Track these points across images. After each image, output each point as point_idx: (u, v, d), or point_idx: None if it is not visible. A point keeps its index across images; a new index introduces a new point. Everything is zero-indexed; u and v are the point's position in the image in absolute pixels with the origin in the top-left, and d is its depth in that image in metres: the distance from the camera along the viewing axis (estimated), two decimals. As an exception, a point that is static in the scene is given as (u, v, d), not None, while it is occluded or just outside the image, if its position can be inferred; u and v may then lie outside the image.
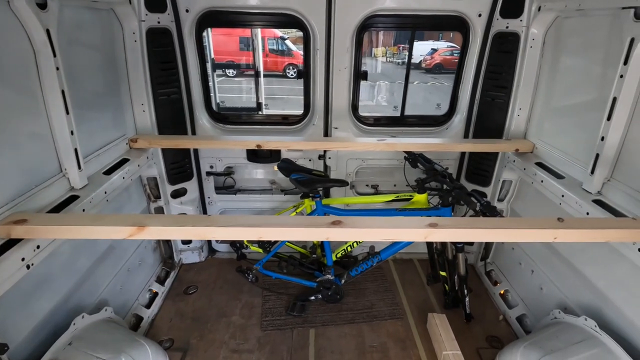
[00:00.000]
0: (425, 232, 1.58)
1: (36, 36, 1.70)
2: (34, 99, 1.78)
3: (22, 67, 1.70)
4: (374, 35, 25.05)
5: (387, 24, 2.99)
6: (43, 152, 1.88)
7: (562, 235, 1.62)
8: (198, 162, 3.26)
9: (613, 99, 1.90)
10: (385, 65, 23.03)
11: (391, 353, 2.62)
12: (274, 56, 16.93)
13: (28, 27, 1.67)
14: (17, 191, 1.72)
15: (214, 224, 1.61)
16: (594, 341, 1.94)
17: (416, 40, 22.71)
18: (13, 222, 1.57)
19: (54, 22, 1.76)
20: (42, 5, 1.70)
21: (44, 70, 1.77)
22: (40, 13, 1.69)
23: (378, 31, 22.15)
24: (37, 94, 1.79)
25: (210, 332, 2.76)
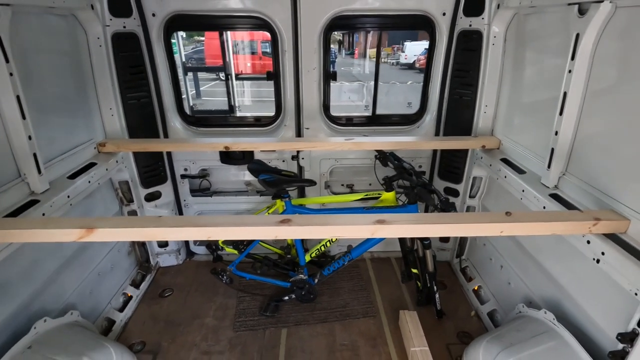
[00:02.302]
0: (373, 229, 1.60)
1: (-14, 42, 1.72)
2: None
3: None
4: (367, 36, 25.16)
5: (354, 25, 3.02)
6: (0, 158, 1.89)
7: (508, 229, 1.64)
8: (172, 165, 3.27)
9: (564, 94, 1.93)
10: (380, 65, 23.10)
11: (361, 351, 2.63)
12: (268, 59, 16.98)
13: (-24, 33, 1.68)
14: (-30, 196, 1.73)
15: (164, 224, 1.62)
16: (551, 334, 1.96)
17: (410, 40, 22.74)
18: (-39, 227, 1.58)
19: (5, 28, 1.77)
20: (-8, 11, 1.72)
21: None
22: (-10, 19, 1.70)
23: (346, 32, 22.08)
24: (-9, 102, 1.81)
25: (182, 334, 2.76)
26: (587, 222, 1.63)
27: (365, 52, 25.35)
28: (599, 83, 1.79)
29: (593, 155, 1.87)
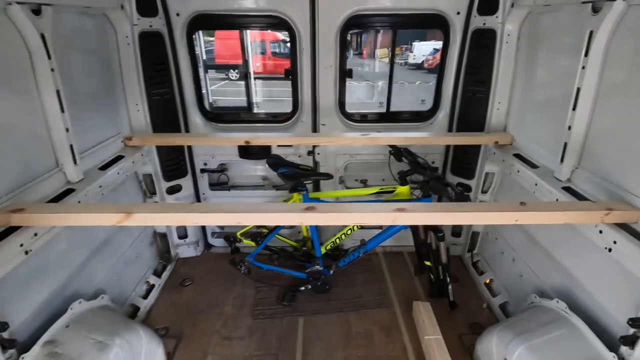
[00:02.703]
0: (393, 217, 1.69)
1: (31, 40, 1.84)
2: (31, 98, 1.92)
3: (19, 69, 1.85)
4: (376, 36, 25.15)
5: (369, 24, 3.11)
6: (40, 147, 2.02)
7: (523, 217, 1.71)
8: (192, 160, 3.39)
9: (577, 90, 1.99)
10: (388, 66, 23.07)
11: (376, 339, 2.71)
12: (277, 59, 17.09)
13: (24, 32, 1.81)
14: (15, 184, 1.85)
15: (196, 210, 1.73)
16: (563, 321, 2.03)
17: (418, 40, 22.65)
18: (11, 211, 1.71)
19: (48, 27, 1.90)
20: (36, 11, 1.85)
21: (40, 72, 1.91)
22: (35, 19, 1.83)
23: (362, 31, 22.07)
24: (34, 94, 1.94)
25: (203, 321, 2.88)
26: (599, 212, 1.70)
27: (374, 52, 25.35)
28: (612, 79, 1.86)
29: (605, 149, 1.93)
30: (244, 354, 2.61)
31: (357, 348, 2.65)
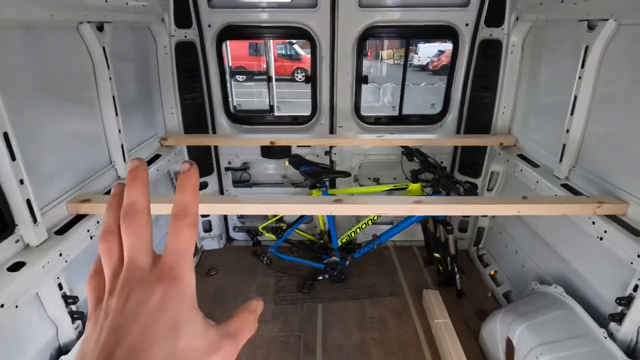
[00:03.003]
0: (411, 207, 1.94)
1: (95, 53, 2.12)
2: (94, 104, 2.20)
3: (86, 78, 2.12)
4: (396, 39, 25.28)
5: (384, 34, 3.37)
6: (98, 147, 2.30)
7: (524, 209, 1.96)
8: (218, 159, 3.66)
9: (574, 98, 2.23)
10: (393, 67, 23.24)
11: (389, 324, 2.97)
12: (283, 60, 17.34)
13: (90, 46, 2.08)
14: (80, 178, 2.13)
15: (238, 201, 2.00)
16: (560, 304, 2.27)
17: (423, 42, 22.72)
18: (80, 201, 1.98)
19: (108, 41, 2.17)
20: (100, 28, 2.12)
21: (100, 80, 2.18)
22: (99, 34, 2.10)
23: (377, 40, 22.35)
24: (95, 101, 2.21)
25: (230, 306, 3.14)
26: (591, 205, 1.94)
27: (379, 54, 25.55)
28: (605, 88, 2.10)
29: (599, 150, 2.17)
30: (269, 334, 2.87)
31: (372, 331, 2.90)
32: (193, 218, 0.38)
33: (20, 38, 1.69)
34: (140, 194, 0.38)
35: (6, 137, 1.50)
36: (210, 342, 0.36)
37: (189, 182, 0.39)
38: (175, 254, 0.37)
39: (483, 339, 2.70)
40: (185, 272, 0.37)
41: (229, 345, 0.37)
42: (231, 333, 0.38)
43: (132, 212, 0.38)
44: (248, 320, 0.40)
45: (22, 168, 1.59)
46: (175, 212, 0.38)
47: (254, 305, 0.42)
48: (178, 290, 0.36)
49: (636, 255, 1.75)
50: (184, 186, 0.39)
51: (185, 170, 0.39)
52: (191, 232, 0.38)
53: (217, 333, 0.37)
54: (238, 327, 0.39)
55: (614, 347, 1.90)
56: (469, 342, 2.77)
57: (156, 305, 0.34)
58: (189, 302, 0.37)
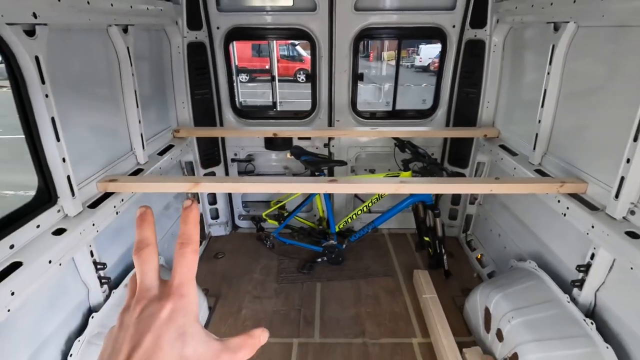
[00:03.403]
0: (397, 186, 2.22)
1: (121, 51, 2.41)
2: (117, 98, 2.50)
3: (113, 74, 2.42)
4: (382, 40, 25.55)
5: (378, 35, 3.65)
6: (121, 135, 2.59)
7: (496, 188, 2.24)
8: (224, 151, 3.95)
9: (544, 91, 2.50)
10: (394, 68, 23.45)
11: (382, 300, 3.24)
12: (285, 62, 17.60)
13: (117, 46, 2.38)
14: (106, 162, 2.42)
15: (245, 181, 2.28)
16: (533, 276, 2.54)
17: (425, 43, 22.89)
18: (108, 181, 2.27)
19: (131, 42, 2.47)
20: (125, 30, 2.42)
21: (124, 77, 2.48)
22: (124, 35, 2.40)
23: (372, 40, 22.61)
24: (119, 94, 2.51)
25: (236, 285, 3.43)
26: (555, 184, 2.21)
27: (381, 55, 25.82)
28: (569, 83, 2.37)
29: (566, 138, 2.44)
30: (272, 309, 3.15)
31: (366, 306, 3.18)
32: (195, 245, 0.45)
33: (64, 39, 1.99)
34: (149, 232, 0.46)
35: (53, 122, 1.79)
36: (212, 352, 0.42)
37: (190, 215, 0.45)
38: (182, 275, 0.43)
39: (467, 312, 2.97)
40: (190, 290, 0.43)
41: (227, 356, 0.43)
42: (230, 348, 0.44)
43: (143, 245, 0.45)
44: (248, 343, 0.45)
45: (64, 148, 1.88)
46: (181, 241, 0.45)
47: (257, 332, 0.47)
48: (184, 306, 0.42)
49: (590, 227, 2.02)
50: (186, 219, 0.45)
51: (187, 206, 0.45)
52: (194, 257, 0.45)
53: (219, 345, 0.43)
54: (238, 345, 0.45)
55: (575, 309, 2.17)
56: (455, 315, 3.04)
57: (166, 317, 0.40)
58: (193, 315, 0.42)
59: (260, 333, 0.47)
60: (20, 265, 1.61)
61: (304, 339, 2.85)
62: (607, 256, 1.99)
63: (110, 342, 0.42)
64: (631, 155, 1.80)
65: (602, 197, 2.07)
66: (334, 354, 2.73)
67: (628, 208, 1.89)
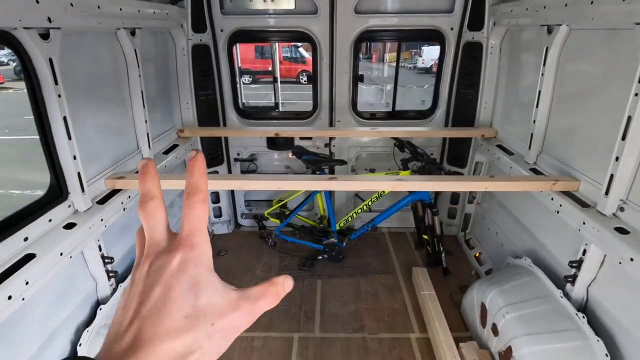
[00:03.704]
0: (394, 184, 2.29)
1: (128, 54, 2.50)
2: (125, 98, 2.59)
3: (120, 76, 2.51)
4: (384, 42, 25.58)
5: (379, 37, 3.73)
6: (128, 135, 2.68)
7: (491, 186, 2.30)
8: (228, 150, 4.04)
9: (539, 92, 2.57)
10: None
11: (381, 296, 3.31)
12: (288, 63, 17.71)
13: (125, 48, 2.47)
14: (113, 160, 2.51)
15: (246, 179, 2.36)
16: (528, 272, 2.59)
17: (427, 44, 22.95)
18: (116, 178, 2.36)
19: (139, 44, 2.56)
20: (132, 32, 2.51)
21: (132, 78, 2.57)
22: (132, 38, 2.49)
23: (373, 42, 22.73)
24: (127, 95, 2.60)
25: (239, 281, 3.50)
26: (549, 182, 2.28)
27: (383, 57, 25.89)
28: (562, 83, 2.44)
29: (560, 137, 2.50)
30: (273, 304, 3.22)
31: (366, 302, 3.25)
32: (204, 194, 0.42)
33: (75, 42, 2.08)
34: (153, 184, 0.43)
35: (65, 121, 1.88)
36: (230, 302, 0.39)
37: (196, 165, 0.43)
38: (191, 225, 0.41)
39: (464, 308, 3.03)
40: (201, 240, 0.41)
41: (247, 306, 0.40)
42: (250, 297, 0.41)
43: (148, 199, 0.43)
44: (269, 291, 0.43)
45: (75, 146, 1.97)
46: (188, 191, 0.42)
47: (280, 279, 0.44)
48: (196, 255, 0.40)
49: (582, 223, 2.08)
50: (192, 169, 0.43)
51: (192, 157, 0.43)
52: (203, 206, 0.42)
53: (237, 294, 0.41)
54: (258, 294, 0.42)
55: (567, 304, 2.23)
56: (452, 312, 3.10)
57: (176, 268, 0.38)
58: (206, 265, 0.40)
59: (283, 280, 0.44)
60: (33, 256, 1.70)
61: (305, 333, 2.92)
62: (598, 252, 2.05)
63: (123, 300, 0.40)
64: (620, 154, 1.86)
65: (594, 195, 2.13)
66: (333, 348, 2.80)
67: (617, 205, 1.95)
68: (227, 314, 0.39)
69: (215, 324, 0.38)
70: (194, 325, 0.37)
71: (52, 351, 1.93)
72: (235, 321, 0.40)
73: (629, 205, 1.91)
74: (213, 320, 0.38)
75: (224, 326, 0.39)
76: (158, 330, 0.35)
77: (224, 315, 0.39)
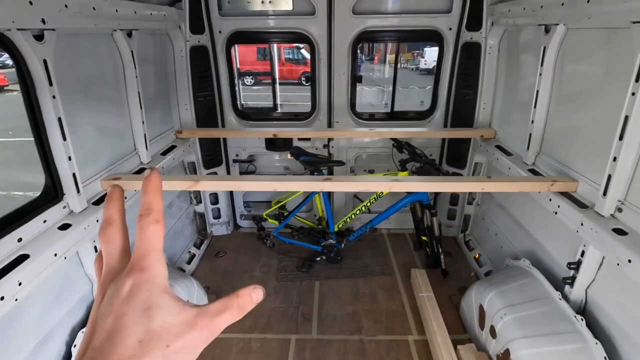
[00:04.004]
0: (390, 185, 2.27)
1: (125, 55, 2.51)
2: (122, 100, 2.59)
3: (117, 77, 2.52)
4: (387, 43, 25.60)
5: (377, 38, 3.72)
6: (125, 136, 2.68)
7: (488, 186, 2.28)
8: (226, 151, 4.04)
9: (537, 92, 2.55)
10: (399, 71, 23.48)
11: (379, 298, 3.29)
12: (290, 65, 17.74)
13: (121, 50, 2.48)
14: (110, 161, 2.51)
15: (242, 180, 2.36)
16: (526, 274, 2.57)
17: (430, 46, 22.90)
18: (112, 179, 2.36)
19: (135, 46, 2.56)
20: (129, 34, 2.52)
21: (128, 79, 2.57)
22: (129, 40, 2.49)
23: (371, 43, 22.78)
24: (124, 96, 2.60)
25: (237, 282, 3.50)
26: (546, 183, 2.25)
27: (385, 58, 25.89)
28: (560, 83, 2.42)
29: (558, 137, 2.48)
30: (271, 306, 3.22)
31: (364, 303, 3.23)
32: (157, 215, 0.42)
33: (71, 43, 2.09)
34: (114, 210, 0.44)
35: (60, 122, 1.89)
36: (186, 320, 0.38)
37: (150, 184, 0.43)
38: (142, 248, 0.41)
39: (462, 310, 3.01)
40: (153, 261, 0.40)
41: (205, 322, 0.39)
42: (209, 312, 0.40)
43: (107, 225, 0.43)
44: (232, 304, 0.41)
45: (70, 147, 1.97)
46: (141, 212, 0.42)
47: (247, 290, 0.42)
48: (147, 278, 0.39)
49: (580, 224, 2.06)
50: (146, 188, 0.43)
51: (147, 175, 0.43)
52: (156, 227, 0.42)
53: (195, 311, 0.39)
54: (219, 309, 0.40)
55: (566, 306, 2.20)
56: (451, 313, 3.08)
57: (126, 294, 0.38)
58: (159, 286, 0.39)
59: (251, 291, 0.42)
60: (27, 257, 1.70)
61: (302, 335, 2.91)
62: (596, 253, 2.02)
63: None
64: (617, 154, 1.84)
65: (592, 195, 2.11)
66: (330, 350, 2.78)
67: (615, 205, 1.93)
68: (183, 334, 0.38)
69: (171, 345, 0.37)
70: (148, 350, 0.35)
71: (47, 352, 1.93)
72: (193, 340, 0.38)
73: (627, 206, 1.88)
74: (168, 341, 0.37)
75: (181, 346, 0.37)
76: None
77: (180, 335, 0.37)
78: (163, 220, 0.43)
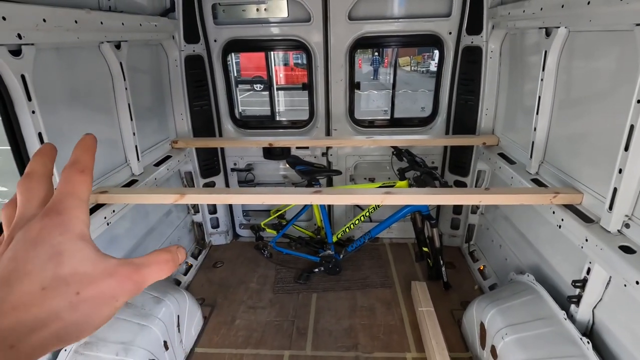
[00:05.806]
0: (382, 197, 2.17)
1: (114, 67, 2.49)
2: (111, 111, 2.57)
3: (106, 89, 2.50)
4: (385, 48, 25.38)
5: (375, 43, 3.64)
6: (116, 148, 2.66)
7: (486, 199, 2.16)
8: (224, 160, 4.00)
9: (539, 98, 2.42)
10: (409, 74, 23.35)
11: (377, 312, 3.17)
12: (299, 70, 17.77)
13: (109, 62, 2.45)
14: (99, 173, 2.49)
15: (229, 192, 2.29)
16: (530, 290, 2.43)
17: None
18: (99, 192, 2.33)
19: (124, 57, 2.54)
20: (117, 46, 2.49)
21: (118, 91, 2.55)
22: (117, 51, 2.47)
23: (368, 49, 22.60)
24: (113, 108, 2.58)
25: (232, 294, 3.43)
26: (549, 195, 2.12)
27: (395, 62, 25.68)
28: (563, 89, 2.28)
29: (562, 146, 2.34)
30: (266, 319, 3.14)
31: (361, 318, 3.12)
32: (82, 165, 0.40)
33: (54, 57, 2.07)
34: (40, 164, 0.42)
35: (40, 137, 1.86)
36: (104, 269, 0.36)
37: (82, 142, 0.42)
38: (60, 194, 0.38)
39: (464, 326, 2.87)
40: (70, 205, 0.37)
41: (127, 271, 0.36)
42: (134, 263, 0.38)
43: (27, 176, 0.41)
44: (160, 258, 0.40)
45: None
46: (67, 164, 0.40)
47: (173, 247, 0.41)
48: (63, 221, 0.36)
49: (584, 240, 1.92)
50: (77, 145, 0.42)
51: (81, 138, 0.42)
52: (81, 176, 0.39)
53: (115, 261, 0.37)
54: (144, 261, 0.39)
55: (572, 327, 2.05)
56: (453, 330, 2.94)
57: (32, 239, 0.34)
58: (75, 232, 0.36)
59: (176, 249, 0.41)
60: None
61: (295, 351, 2.82)
62: (603, 271, 1.88)
63: None
64: (623, 166, 1.70)
65: (597, 209, 1.96)
66: (324, 368, 2.69)
67: (622, 221, 1.79)
68: (98, 281, 0.35)
69: (82, 293, 0.34)
70: (51, 297, 0.33)
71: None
72: (109, 289, 0.35)
73: (634, 221, 1.74)
74: (78, 288, 0.34)
75: (94, 294, 0.35)
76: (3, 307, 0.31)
77: (93, 282, 0.35)
78: (91, 174, 0.41)
